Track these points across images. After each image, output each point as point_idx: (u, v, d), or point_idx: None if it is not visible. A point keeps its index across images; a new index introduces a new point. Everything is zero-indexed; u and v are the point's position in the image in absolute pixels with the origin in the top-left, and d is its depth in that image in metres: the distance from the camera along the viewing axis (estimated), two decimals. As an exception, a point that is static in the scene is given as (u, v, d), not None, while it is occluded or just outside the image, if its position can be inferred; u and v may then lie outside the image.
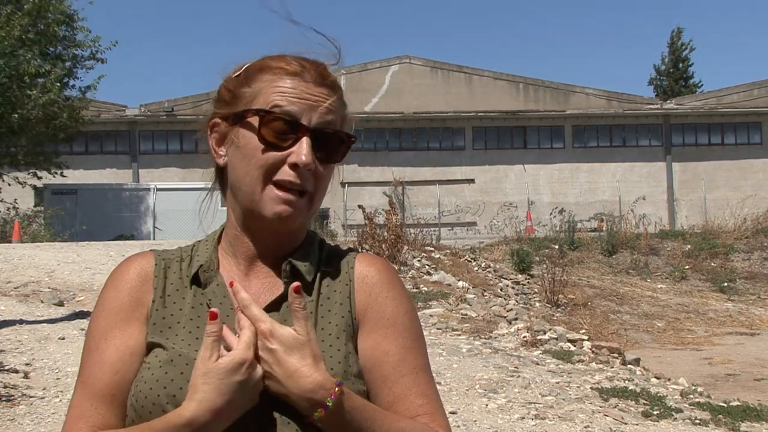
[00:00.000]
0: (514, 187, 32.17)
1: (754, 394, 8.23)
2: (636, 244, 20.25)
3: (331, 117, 1.18)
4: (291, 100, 1.16)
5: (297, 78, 1.18)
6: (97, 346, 1.19)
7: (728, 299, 17.32)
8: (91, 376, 1.17)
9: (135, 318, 1.20)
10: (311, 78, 1.18)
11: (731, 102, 32.73)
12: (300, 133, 1.15)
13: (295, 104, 1.16)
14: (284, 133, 1.16)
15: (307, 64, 1.20)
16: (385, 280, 1.25)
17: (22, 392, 5.15)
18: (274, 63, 1.20)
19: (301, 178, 1.15)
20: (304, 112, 1.16)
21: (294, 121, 1.15)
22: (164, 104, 30.83)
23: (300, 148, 1.15)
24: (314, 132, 1.16)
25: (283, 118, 1.15)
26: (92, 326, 1.21)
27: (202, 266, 1.23)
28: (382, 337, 1.20)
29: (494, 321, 9.59)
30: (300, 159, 1.14)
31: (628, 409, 5.69)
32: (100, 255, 12.30)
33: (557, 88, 32.66)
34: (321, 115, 1.17)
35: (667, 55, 45.08)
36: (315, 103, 1.17)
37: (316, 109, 1.17)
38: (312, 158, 1.15)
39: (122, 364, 1.16)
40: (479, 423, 5.06)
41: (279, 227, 1.19)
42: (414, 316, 1.26)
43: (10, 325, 7.15)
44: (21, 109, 18.53)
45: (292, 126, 1.15)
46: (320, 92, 1.18)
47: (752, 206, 24.48)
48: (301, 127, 1.15)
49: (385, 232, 13.44)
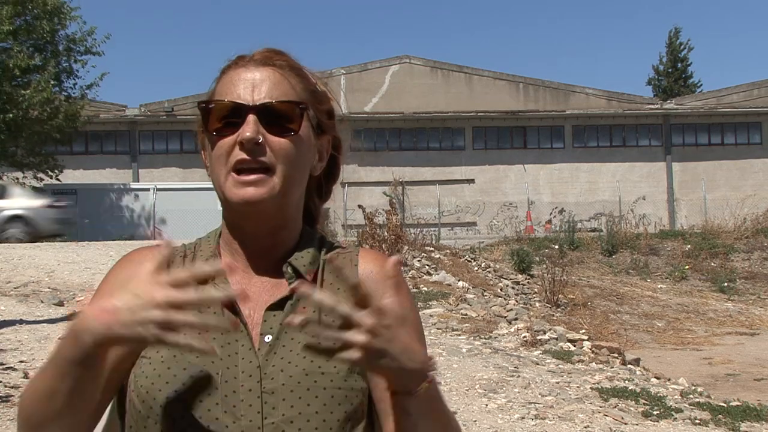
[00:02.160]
0: (514, 187, 32.17)
1: (754, 394, 8.23)
2: (636, 244, 20.26)
3: (280, 91, 1.18)
4: (233, 90, 1.17)
5: (241, 68, 1.20)
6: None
7: (728, 299, 17.32)
8: None
9: None
10: (254, 62, 1.20)
11: (731, 102, 32.74)
12: (245, 113, 1.16)
13: (238, 91, 1.17)
14: (229, 119, 1.16)
15: (257, 53, 1.22)
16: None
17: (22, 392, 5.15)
18: (231, 62, 1.22)
19: (251, 153, 1.15)
20: (246, 96, 1.17)
21: (235, 105, 1.16)
22: (164, 104, 30.83)
23: (243, 126, 1.15)
24: (258, 108, 1.16)
25: (223, 104, 1.17)
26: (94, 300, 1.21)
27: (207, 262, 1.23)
28: None
29: (494, 321, 9.59)
30: (243, 135, 1.14)
31: (628, 409, 5.69)
32: (100, 255, 12.30)
33: (557, 88, 32.66)
34: (265, 92, 1.17)
35: (666, 55, 45.11)
36: (258, 83, 1.18)
37: (260, 88, 1.17)
38: (254, 131, 1.14)
39: (118, 361, 1.14)
40: (479, 423, 5.06)
41: (252, 211, 1.18)
42: (417, 312, 1.27)
43: (10, 325, 7.15)
44: (15, 108, 18.49)
45: (235, 110, 1.16)
46: (263, 72, 1.19)
47: (752, 206, 24.49)
48: (245, 108, 1.16)
49: (385, 232, 13.44)
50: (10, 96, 18.43)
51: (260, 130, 1.15)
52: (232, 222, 1.23)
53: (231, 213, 1.21)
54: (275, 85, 1.18)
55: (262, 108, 1.16)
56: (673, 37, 44.86)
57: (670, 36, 45.11)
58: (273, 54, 1.22)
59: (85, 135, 27.78)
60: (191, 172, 27.99)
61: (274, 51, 1.23)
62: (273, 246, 1.23)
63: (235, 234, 1.23)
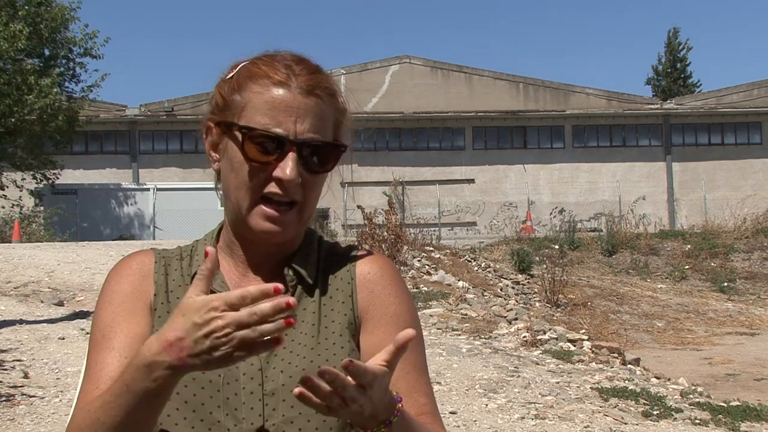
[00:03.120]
0: (514, 187, 32.17)
1: (754, 394, 8.23)
2: (636, 244, 20.25)
3: (320, 126, 1.16)
4: (275, 115, 1.14)
5: (283, 88, 1.15)
6: (103, 335, 1.19)
7: (728, 299, 17.32)
8: (99, 364, 1.16)
9: (139, 308, 1.21)
10: (298, 87, 1.16)
11: (731, 102, 32.73)
12: (286, 147, 1.14)
13: (280, 118, 1.14)
14: (269, 148, 1.14)
15: (296, 68, 1.18)
16: (387, 277, 1.25)
17: (22, 392, 5.15)
18: (261, 70, 1.18)
19: (287, 191, 1.15)
20: (289, 126, 1.14)
21: (278, 137, 1.14)
22: (164, 104, 30.82)
23: (285, 163, 1.13)
24: (301, 145, 1.14)
25: (267, 135, 1.14)
26: (97, 318, 1.21)
27: None
28: (386, 333, 1.20)
29: (494, 321, 9.59)
30: (285, 174, 1.13)
31: (628, 409, 5.69)
32: (100, 255, 12.30)
33: (557, 88, 32.66)
34: (308, 127, 1.15)
35: (665, 54, 45.08)
36: (302, 115, 1.15)
37: (303, 121, 1.15)
38: (296, 173, 1.13)
39: (131, 350, 1.15)
40: (479, 423, 5.06)
41: (267, 241, 1.19)
42: (415, 313, 1.27)
43: (10, 325, 7.15)
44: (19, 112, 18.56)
45: (277, 141, 1.14)
46: (307, 103, 1.15)
47: (752, 206, 24.47)
48: (287, 142, 1.14)
49: (384, 232, 13.43)
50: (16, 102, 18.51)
51: (299, 169, 1.15)
52: (238, 232, 1.23)
53: (245, 229, 1.20)
54: (317, 118, 1.16)
55: (304, 144, 1.15)
56: (672, 37, 44.85)
57: (669, 36, 45.13)
58: (316, 79, 1.18)
59: (85, 135, 27.79)
60: (191, 172, 27.98)
61: (315, 74, 1.19)
62: (277, 251, 1.24)
63: (238, 238, 1.24)
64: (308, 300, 1.22)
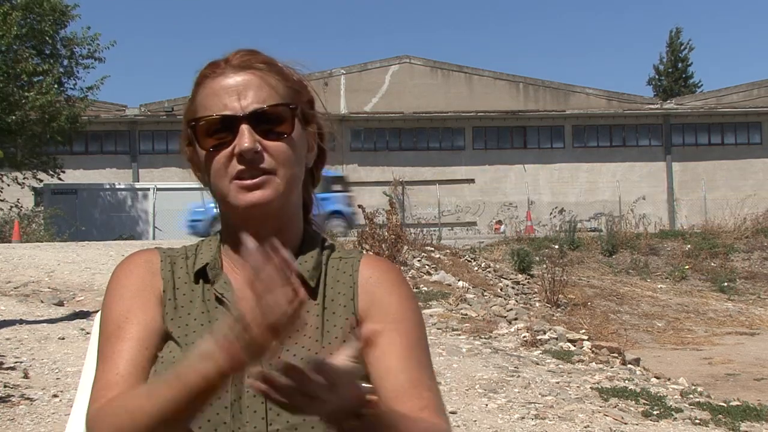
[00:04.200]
0: (514, 187, 32.17)
1: (754, 394, 8.23)
2: (636, 244, 20.24)
3: (265, 95, 1.18)
4: (218, 100, 1.17)
5: (220, 76, 1.19)
6: (118, 326, 1.18)
7: (728, 299, 17.31)
8: (117, 353, 1.16)
9: (152, 301, 1.21)
10: (232, 69, 1.19)
11: (731, 102, 32.73)
12: (236, 123, 1.16)
13: (224, 101, 1.16)
14: (221, 132, 1.17)
15: (231, 57, 1.21)
16: (388, 280, 1.26)
17: (22, 392, 5.14)
18: (205, 71, 1.21)
19: (251, 162, 1.15)
20: (234, 105, 1.16)
21: (225, 117, 1.16)
22: (164, 104, 30.83)
23: (239, 137, 1.15)
24: (249, 116, 1.16)
25: (214, 119, 1.16)
26: (109, 311, 1.21)
27: (208, 264, 1.24)
28: (388, 336, 1.20)
29: (494, 321, 9.58)
30: (241, 146, 1.15)
31: (628, 409, 5.69)
32: (100, 255, 12.29)
33: (557, 88, 32.66)
34: (251, 99, 1.17)
35: (666, 55, 45.09)
36: (242, 90, 1.17)
37: (245, 95, 1.16)
38: (251, 140, 1.14)
39: (149, 342, 1.16)
40: (479, 423, 5.06)
41: (257, 213, 1.18)
42: (419, 314, 1.27)
43: (10, 325, 7.15)
44: (18, 110, 18.51)
45: (226, 122, 1.16)
46: (245, 79, 1.18)
47: (752, 206, 24.46)
48: (235, 118, 1.16)
49: (385, 232, 13.43)
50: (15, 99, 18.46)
51: (256, 138, 1.15)
52: (235, 226, 1.23)
53: (235, 218, 1.21)
54: (260, 89, 1.18)
55: (253, 115, 1.16)
56: (674, 37, 44.87)
57: (671, 36, 45.16)
58: (249, 56, 1.21)
59: (85, 135, 27.77)
60: (191, 172, 27.94)
61: (248, 52, 1.22)
62: None
63: (237, 237, 1.24)
64: (311, 303, 1.21)
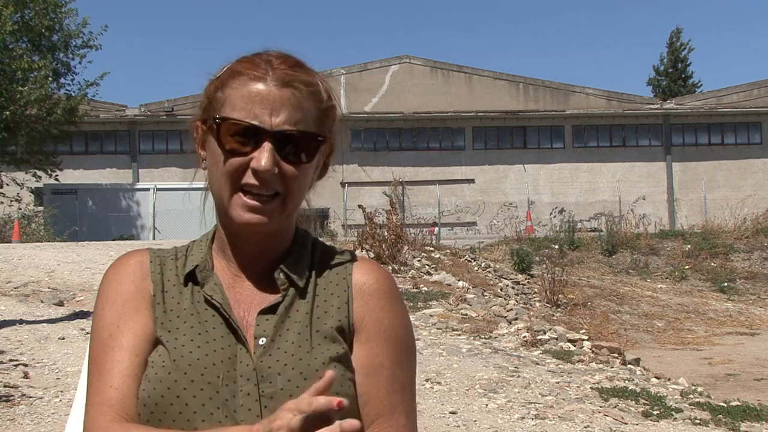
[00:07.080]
0: (514, 187, 32.17)
1: (754, 394, 8.23)
2: (636, 244, 20.24)
3: (298, 118, 1.16)
4: (251, 108, 1.15)
5: (260, 82, 1.16)
6: (110, 335, 1.19)
7: (728, 299, 17.31)
8: (110, 362, 1.16)
9: (143, 306, 1.21)
10: (274, 80, 1.16)
11: (731, 102, 32.73)
12: (262, 137, 1.14)
13: (256, 111, 1.15)
14: (244, 138, 1.15)
15: (275, 63, 1.18)
16: (383, 289, 1.26)
17: (22, 392, 5.14)
18: (241, 67, 1.19)
19: (264, 182, 1.15)
20: (264, 118, 1.15)
21: (253, 127, 1.14)
22: (164, 104, 30.82)
23: (260, 153, 1.14)
24: (276, 135, 1.15)
25: (241, 125, 1.15)
26: (101, 318, 1.21)
27: (198, 266, 1.24)
28: (378, 347, 1.21)
29: (494, 321, 9.59)
30: (259, 164, 1.14)
31: (628, 409, 5.69)
32: (100, 255, 12.28)
33: (557, 88, 32.65)
34: (284, 118, 1.15)
35: (666, 55, 45.07)
36: (278, 107, 1.15)
37: (279, 113, 1.15)
38: (272, 163, 1.14)
39: (140, 349, 1.17)
40: (479, 423, 5.06)
41: (251, 232, 1.19)
42: (409, 327, 1.27)
43: (10, 325, 7.14)
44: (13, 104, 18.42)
45: (252, 131, 1.15)
46: (283, 95, 1.16)
47: (752, 206, 24.48)
48: (262, 132, 1.14)
49: (385, 232, 13.44)
50: (9, 94, 18.40)
51: (276, 158, 1.15)
52: (228, 228, 1.23)
53: (230, 224, 1.21)
54: (294, 110, 1.16)
55: (280, 134, 1.15)
56: (674, 37, 44.85)
57: (671, 36, 45.15)
58: (293, 72, 1.18)
59: (85, 135, 27.79)
60: (191, 172, 27.46)
61: (293, 65, 1.20)
62: (266, 250, 1.24)
63: (229, 238, 1.24)
64: (301, 302, 1.22)
